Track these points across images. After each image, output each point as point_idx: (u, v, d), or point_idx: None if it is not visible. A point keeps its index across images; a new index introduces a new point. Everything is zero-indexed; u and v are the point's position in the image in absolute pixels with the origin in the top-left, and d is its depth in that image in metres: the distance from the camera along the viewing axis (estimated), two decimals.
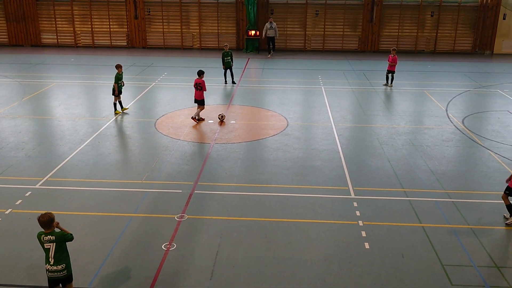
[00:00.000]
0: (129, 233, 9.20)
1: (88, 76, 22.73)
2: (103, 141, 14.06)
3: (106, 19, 30.23)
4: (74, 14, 30.18)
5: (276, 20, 29.47)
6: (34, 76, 22.35)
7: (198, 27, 30.14)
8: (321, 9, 29.66)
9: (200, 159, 12.84)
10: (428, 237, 9.17)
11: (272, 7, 29.73)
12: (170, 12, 30.05)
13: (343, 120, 16.32)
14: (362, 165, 12.57)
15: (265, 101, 18.90)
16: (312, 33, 30.19)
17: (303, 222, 9.70)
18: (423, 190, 11.11)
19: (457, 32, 29.62)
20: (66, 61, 26.13)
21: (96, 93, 19.84)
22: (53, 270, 6.74)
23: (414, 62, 26.96)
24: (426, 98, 19.23)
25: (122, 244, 8.81)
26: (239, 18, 29.77)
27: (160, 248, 8.72)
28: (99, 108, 17.61)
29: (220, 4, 29.72)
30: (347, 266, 8.27)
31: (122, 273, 8.02)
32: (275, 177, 11.79)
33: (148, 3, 29.84)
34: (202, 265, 8.26)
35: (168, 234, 9.17)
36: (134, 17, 29.73)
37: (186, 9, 29.99)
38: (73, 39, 30.57)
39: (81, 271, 8.04)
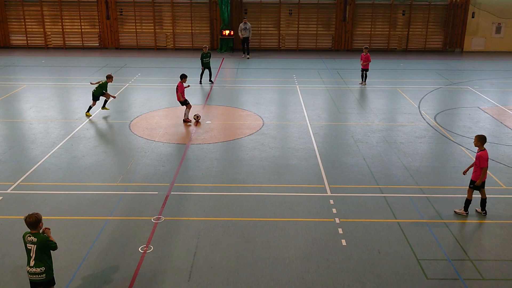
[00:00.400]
0: (105, 236, 9.09)
1: (60, 78, 22.36)
2: (76, 144, 13.85)
3: (77, 19, 29.78)
4: (44, 14, 29.65)
5: (250, 19, 29.49)
6: (4, 79, 21.86)
7: (172, 27, 29.95)
8: (294, 9, 29.81)
9: (176, 160, 12.76)
10: (403, 233, 9.31)
11: (246, 6, 29.75)
12: (142, 12, 29.78)
13: (318, 118, 16.44)
14: (338, 163, 12.68)
15: (240, 101, 18.89)
16: (286, 33, 30.31)
17: (280, 220, 9.74)
18: (398, 186, 11.27)
19: (428, 31, 30.15)
20: (36, 63, 25.65)
21: (69, 95, 19.52)
22: (32, 272, 6.67)
23: (386, 61, 27.33)
24: (399, 96, 19.51)
25: (98, 248, 8.70)
26: (213, 18, 29.69)
27: (137, 250, 8.64)
28: (71, 110, 17.33)
29: (193, 4, 29.60)
30: (324, 263, 8.33)
31: (98, 277, 7.92)
32: (252, 176, 11.80)
33: (120, 3, 29.51)
34: (180, 267, 8.21)
35: (145, 236, 9.09)
36: (106, 17, 29.38)
37: (159, 9, 29.77)
38: (44, 40, 30.02)
39: (57, 276, 7.87)
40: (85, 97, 18.91)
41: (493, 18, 30.10)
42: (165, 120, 16.20)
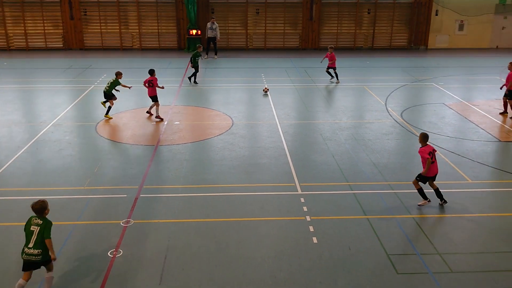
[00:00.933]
0: (73, 241, 8.88)
1: (23, 80, 21.78)
2: (41, 147, 13.51)
3: (40, 20, 29.07)
4: (6, 15, 28.82)
5: (217, 19, 29.36)
6: None
7: (138, 27, 29.56)
8: (261, 8, 29.83)
9: (145, 161, 12.58)
10: (373, 228, 9.42)
11: (213, 6, 29.61)
12: (107, 12, 29.28)
13: (287, 117, 16.49)
14: (307, 161, 12.75)
15: (209, 100, 18.79)
16: (254, 32, 30.32)
17: (252, 220, 9.71)
18: (367, 183, 11.40)
19: (393, 29, 30.64)
20: None
21: (33, 97, 19.04)
22: (29, 253, 7.07)
23: (353, 59, 27.65)
24: (366, 93, 19.76)
25: (65, 253, 8.49)
26: (179, 17, 29.44)
27: (106, 255, 8.47)
28: (36, 113, 16.89)
29: (159, 3, 29.28)
30: (296, 261, 8.35)
31: (67, 283, 7.73)
32: (222, 176, 11.74)
33: (84, 3, 28.95)
34: (150, 270, 8.09)
35: (114, 240, 8.92)
36: (69, 17, 28.77)
37: (124, 8, 29.34)
38: (5, 42, 29.18)
39: None
40: (49, 99, 18.49)
41: (456, 15, 30.83)
42: (133, 122, 15.97)
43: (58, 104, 17.83)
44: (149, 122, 15.90)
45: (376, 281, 7.86)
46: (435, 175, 10.16)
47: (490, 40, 31.66)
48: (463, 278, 7.96)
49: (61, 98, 18.72)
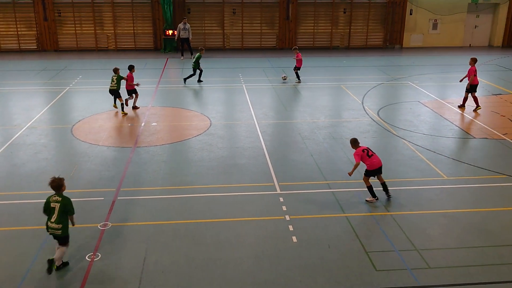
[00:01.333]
0: (49, 246, 8.71)
1: None
2: (16, 151, 13.25)
3: (13, 21, 28.53)
4: None
5: (193, 19, 29.27)
6: None
7: (113, 27, 29.25)
8: (238, 8, 29.82)
9: (122, 164, 12.45)
10: (352, 226, 9.49)
11: (189, 6, 29.48)
12: (82, 13, 28.91)
13: (265, 117, 16.50)
14: (286, 160, 12.78)
15: (186, 101, 18.69)
16: (231, 32, 30.28)
17: (231, 221, 9.69)
18: (345, 181, 11.48)
19: (368, 28, 30.96)
20: None
21: (6, 100, 18.66)
22: (52, 227, 7.78)
23: (330, 58, 27.83)
24: (343, 92, 19.90)
25: (42, 259, 8.33)
26: (155, 17, 29.23)
27: (84, 259, 8.35)
28: (10, 116, 16.56)
29: (135, 3, 29.02)
30: (276, 261, 8.36)
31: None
32: (201, 177, 11.69)
33: (58, 4, 28.52)
34: (129, 273, 8.01)
35: (92, 244, 8.81)
36: (43, 19, 28.31)
37: (99, 9, 29.00)
38: None
39: None
40: (23, 102, 18.15)
41: (430, 15, 31.30)
42: (109, 123, 15.79)
43: (32, 106, 17.52)
44: (126, 123, 15.73)
45: (355, 279, 7.92)
46: (380, 168, 10.36)
47: (463, 38, 32.24)
48: (441, 273, 8.08)
49: (35, 101, 18.40)
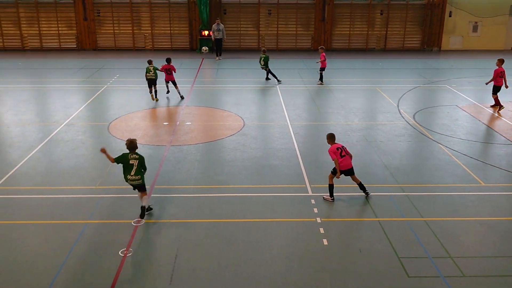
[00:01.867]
0: (84, 240, 8.95)
1: (37, 80, 22.00)
2: (54, 147, 13.63)
3: (54, 21, 29.36)
4: (20, 16, 29.16)
5: (229, 20, 29.47)
6: None
7: (150, 28, 29.72)
8: (273, 9, 29.84)
9: (156, 162, 12.64)
10: (384, 231, 9.36)
11: (225, 7, 29.68)
12: (120, 13, 29.49)
13: (298, 118, 16.46)
14: (319, 162, 12.71)
15: (220, 101, 18.82)
16: (266, 33, 30.33)
17: (262, 221, 9.71)
18: (378, 185, 11.34)
19: (406, 30, 30.47)
20: (13, 65, 25.19)
21: (46, 97, 19.22)
22: (132, 179, 9.52)
23: (365, 60, 27.53)
24: (378, 95, 19.66)
25: (77, 252, 8.56)
26: (191, 18, 29.55)
27: (117, 254, 8.52)
28: (49, 113, 17.06)
29: (171, 4, 29.42)
30: (306, 263, 8.33)
31: (78, 282, 7.79)
32: (233, 177, 11.75)
33: (97, 4, 29.19)
34: (161, 270, 8.12)
35: (125, 239, 8.98)
36: (83, 18, 29.02)
37: (137, 9, 29.53)
38: (20, 43, 29.52)
39: (36, 281, 7.77)
40: (62, 99, 18.66)
41: (470, 17, 30.57)
42: (144, 122, 16.06)
43: (71, 104, 17.99)
44: (161, 122, 15.96)
45: (386, 284, 7.82)
46: (352, 168, 10.42)
47: (504, 41, 31.35)
48: (476, 282, 7.89)
49: (74, 98, 18.89)
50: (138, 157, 9.58)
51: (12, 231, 9.30)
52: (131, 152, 9.55)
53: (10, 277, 7.88)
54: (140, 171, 9.59)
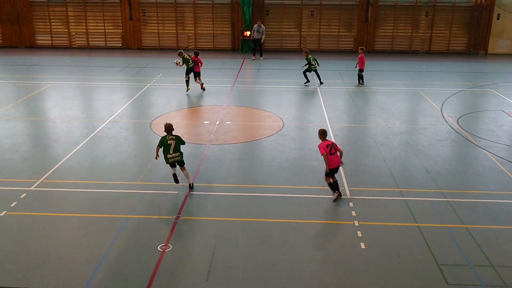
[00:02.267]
0: (125, 234, 9.19)
1: (83, 78, 22.68)
2: (98, 143, 14.03)
3: (101, 20, 30.17)
4: (69, 15, 30.10)
5: (271, 20, 29.53)
6: (29, 78, 22.27)
7: (193, 28, 30.13)
8: (316, 10, 29.71)
9: (196, 160, 12.83)
10: (424, 237, 9.20)
11: (268, 7, 29.75)
12: (165, 13, 30.01)
13: (338, 120, 16.35)
14: (358, 165, 12.60)
15: (260, 101, 18.90)
16: (308, 34, 30.23)
17: (299, 222, 9.71)
18: (419, 190, 11.14)
19: (451, 32, 29.73)
20: (60, 63, 26.06)
21: (91, 94, 19.80)
22: (172, 156, 10.69)
23: (408, 62, 27.05)
24: (421, 98, 19.29)
25: (118, 246, 8.80)
26: (234, 18, 29.77)
27: (156, 249, 8.71)
28: (94, 110, 17.57)
29: (215, 4, 29.72)
30: (343, 266, 8.29)
31: (118, 275, 8.01)
32: (272, 177, 11.80)
33: (143, 4, 29.81)
34: (198, 266, 8.25)
35: (164, 235, 9.16)
36: (129, 18, 29.70)
37: (181, 10, 29.97)
38: (68, 40, 30.49)
39: (77, 272, 8.03)
40: (107, 96, 19.18)
41: None
42: (186, 120, 16.31)
43: (115, 101, 18.47)
44: (201, 121, 16.17)
45: None
46: (338, 167, 10.56)
47: None
48: None
49: (118, 96, 19.38)
50: (175, 137, 10.82)
51: (56, 223, 9.64)
52: (168, 134, 10.79)
53: (53, 268, 8.18)
54: (178, 148, 10.78)
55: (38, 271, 8.06)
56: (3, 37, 30.26)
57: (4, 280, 7.83)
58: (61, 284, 7.75)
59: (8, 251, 8.64)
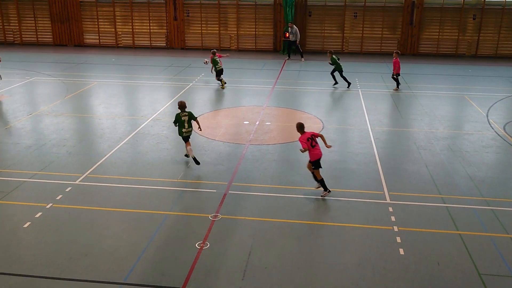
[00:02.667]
0: (164, 230, 9.37)
1: (128, 76, 23.23)
2: (140, 140, 14.35)
3: (147, 20, 30.81)
4: (116, 15, 30.89)
5: (313, 22, 29.43)
6: (77, 75, 23.00)
7: (236, 28, 30.34)
8: (359, 11, 29.39)
9: (235, 159, 12.93)
10: (465, 245, 8.97)
11: (310, 9, 29.65)
12: (208, 14, 30.37)
13: (380, 123, 16.13)
14: (399, 169, 12.40)
15: (300, 103, 18.86)
16: (350, 35, 29.94)
17: (336, 225, 9.65)
18: (461, 197, 10.87)
19: (500, 36, 28.80)
20: (107, 61, 26.77)
21: (136, 92, 20.26)
22: (186, 131, 12.21)
23: (454, 66, 26.38)
24: (466, 103, 18.79)
25: (157, 241, 8.98)
26: (276, 19, 29.81)
27: (194, 246, 8.83)
28: (138, 108, 17.98)
29: (258, 5, 29.84)
30: (381, 272, 8.18)
31: (156, 270, 8.17)
32: (310, 179, 11.73)
33: (187, 4, 30.25)
34: (234, 265, 8.32)
35: (202, 233, 9.28)
36: (173, 18, 30.21)
37: (224, 10, 30.25)
38: (114, 40, 31.28)
39: (117, 266, 8.24)
40: (150, 95, 19.57)
41: None
42: (226, 120, 16.46)
43: (158, 100, 18.83)
44: (241, 121, 16.27)
45: None
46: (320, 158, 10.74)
47: None
48: None
49: (161, 94, 19.75)
50: (188, 113, 12.24)
51: (98, 217, 9.92)
52: (182, 111, 12.16)
53: (94, 261, 8.42)
54: (190, 124, 12.27)
55: (80, 263, 8.32)
56: (54, 36, 31.36)
57: (47, 270, 8.13)
58: (102, 276, 7.97)
59: (53, 242, 8.96)
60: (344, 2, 29.20)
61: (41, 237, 9.11)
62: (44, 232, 9.28)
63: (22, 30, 31.76)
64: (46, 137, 14.45)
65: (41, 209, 10.11)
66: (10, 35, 31.96)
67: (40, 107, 17.61)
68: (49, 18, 31.22)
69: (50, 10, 30.93)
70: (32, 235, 9.20)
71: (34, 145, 13.81)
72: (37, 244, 8.88)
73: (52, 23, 31.22)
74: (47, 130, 15.14)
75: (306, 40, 30.04)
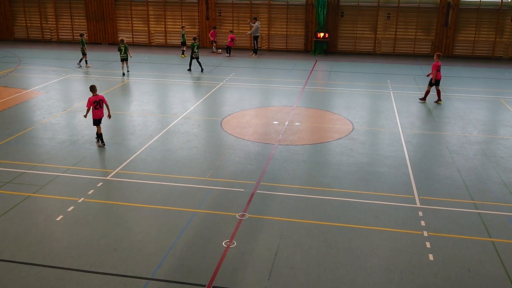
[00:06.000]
0: (192, 228, 9.44)
1: (160, 74, 23.51)
2: (171, 138, 14.50)
3: (179, 19, 31.11)
4: (149, 14, 31.31)
5: (346, 22, 29.25)
6: (110, 73, 23.41)
7: (267, 28, 30.34)
8: (393, 12, 29.00)
9: (264, 159, 12.93)
10: (498, 253, 8.74)
11: (343, 9, 29.41)
12: (240, 14, 30.46)
13: (411, 126, 15.88)
14: (430, 173, 12.17)
15: (331, 104, 18.74)
16: (383, 36, 29.57)
17: (365, 228, 9.54)
18: (495, 204, 10.60)
19: None
20: (140, 59, 27.14)
21: (167, 91, 20.48)
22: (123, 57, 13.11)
23: (490, 69, 25.75)
24: (502, 107, 18.32)
25: (184, 238, 9.06)
26: (308, 20, 29.69)
27: (221, 244, 8.88)
28: (169, 106, 18.18)
29: (290, 6, 29.78)
30: (409, 277, 8.05)
31: (183, 266, 8.24)
32: (338, 181, 11.67)
33: (219, 4, 30.42)
34: (260, 264, 8.32)
35: (229, 231, 9.32)
36: (205, 17, 30.41)
37: (256, 10, 30.29)
38: (147, 38, 31.71)
39: (145, 261, 8.35)
40: (181, 93, 19.77)
41: None
42: (255, 120, 16.48)
43: (189, 98, 19.00)
44: (271, 121, 16.27)
45: None
46: (100, 119, 13.37)
47: None
48: None
49: (192, 93, 19.92)
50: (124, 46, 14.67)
51: (128, 212, 10.08)
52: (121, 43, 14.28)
53: (123, 255, 8.55)
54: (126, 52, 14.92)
55: (109, 257, 8.47)
56: (89, 34, 31.99)
57: (78, 263, 8.30)
58: (130, 271, 8.09)
59: (83, 235, 9.14)
60: (378, 2, 28.86)
61: (73, 231, 9.31)
62: (75, 226, 9.48)
63: (59, 28, 32.52)
64: (80, 133, 14.76)
65: (73, 203, 10.34)
66: (47, 33, 32.77)
67: (74, 104, 17.99)
68: (85, 17, 31.88)
69: (86, 9, 31.58)
70: (64, 228, 9.41)
71: (67, 140, 14.12)
72: (69, 237, 9.08)
73: (87, 21, 31.86)
74: (80, 126, 15.46)
75: (338, 41, 29.82)
